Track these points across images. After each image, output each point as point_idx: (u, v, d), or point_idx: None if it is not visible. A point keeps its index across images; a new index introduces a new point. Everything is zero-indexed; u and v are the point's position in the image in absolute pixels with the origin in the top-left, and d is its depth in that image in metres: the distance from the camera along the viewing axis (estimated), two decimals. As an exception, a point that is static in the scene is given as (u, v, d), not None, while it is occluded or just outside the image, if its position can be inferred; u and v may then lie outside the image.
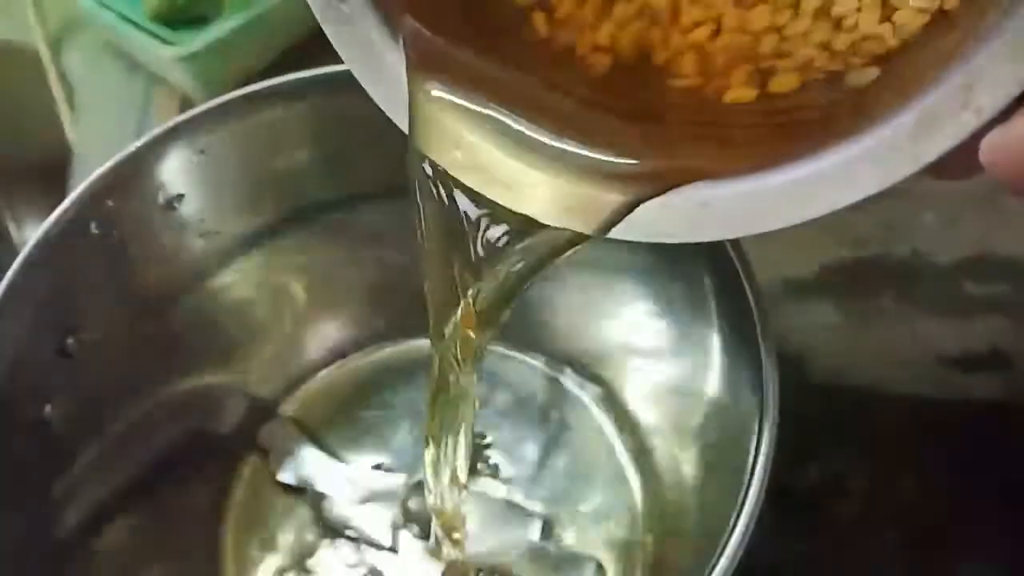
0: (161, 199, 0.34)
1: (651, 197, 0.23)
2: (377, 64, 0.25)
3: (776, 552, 0.38)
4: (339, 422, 0.42)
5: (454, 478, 0.34)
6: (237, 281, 0.38)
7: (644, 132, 0.26)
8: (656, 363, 0.38)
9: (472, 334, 0.29)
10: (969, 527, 0.39)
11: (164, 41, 0.49)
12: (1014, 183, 0.18)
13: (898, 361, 0.44)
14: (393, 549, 0.38)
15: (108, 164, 0.32)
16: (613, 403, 0.40)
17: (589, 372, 0.41)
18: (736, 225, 0.23)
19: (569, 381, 0.42)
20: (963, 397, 0.42)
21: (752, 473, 0.28)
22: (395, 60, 0.25)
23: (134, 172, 0.33)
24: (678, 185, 0.23)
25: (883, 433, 0.41)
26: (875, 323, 0.45)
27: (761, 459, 0.28)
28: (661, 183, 0.23)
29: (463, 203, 0.26)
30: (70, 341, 0.32)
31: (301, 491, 0.40)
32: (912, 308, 0.45)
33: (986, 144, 0.18)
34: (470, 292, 0.28)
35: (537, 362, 0.42)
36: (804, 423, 0.41)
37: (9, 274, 0.30)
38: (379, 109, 0.25)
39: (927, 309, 0.45)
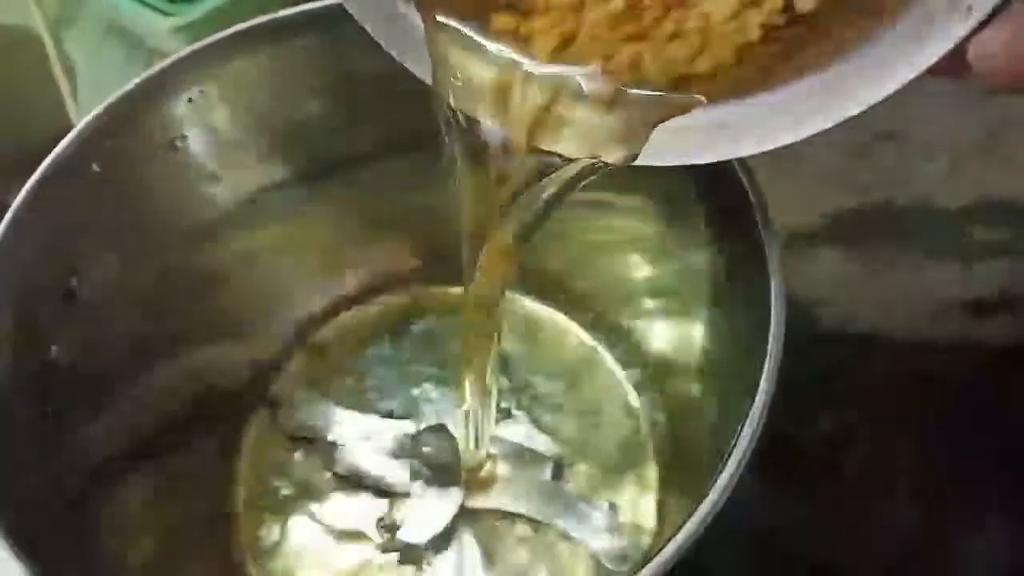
0: (162, 139, 0.34)
1: (666, 120, 0.25)
2: (393, 21, 0.27)
3: (780, 511, 0.38)
4: (348, 372, 0.42)
5: (483, 419, 0.35)
6: (242, 229, 0.38)
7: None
8: (664, 299, 0.39)
9: (501, 266, 0.30)
10: (980, 474, 0.39)
11: (162, 13, 0.49)
12: (997, 84, 0.20)
13: (905, 308, 0.44)
14: (406, 495, 0.38)
15: (107, 102, 0.32)
16: (621, 342, 0.41)
17: (597, 313, 0.41)
18: (752, 141, 0.24)
19: (576, 324, 0.42)
20: (972, 342, 0.42)
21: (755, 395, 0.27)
22: (413, 17, 0.27)
23: (133, 111, 0.33)
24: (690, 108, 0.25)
25: (890, 379, 0.41)
26: (882, 271, 0.45)
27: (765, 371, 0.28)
28: (675, 108, 0.25)
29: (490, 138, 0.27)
30: (73, 282, 0.32)
31: (312, 441, 0.40)
32: (918, 255, 0.45)
33: (972, 49, 0.20)
34: (500, 223, 0.29)
35: (545, 307, 0.42)
36: (812, 372, 0.41)
37: (10, 213, 0.30)
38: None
39: (933, 256, 0.45)
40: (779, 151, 0.47)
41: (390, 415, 0.40)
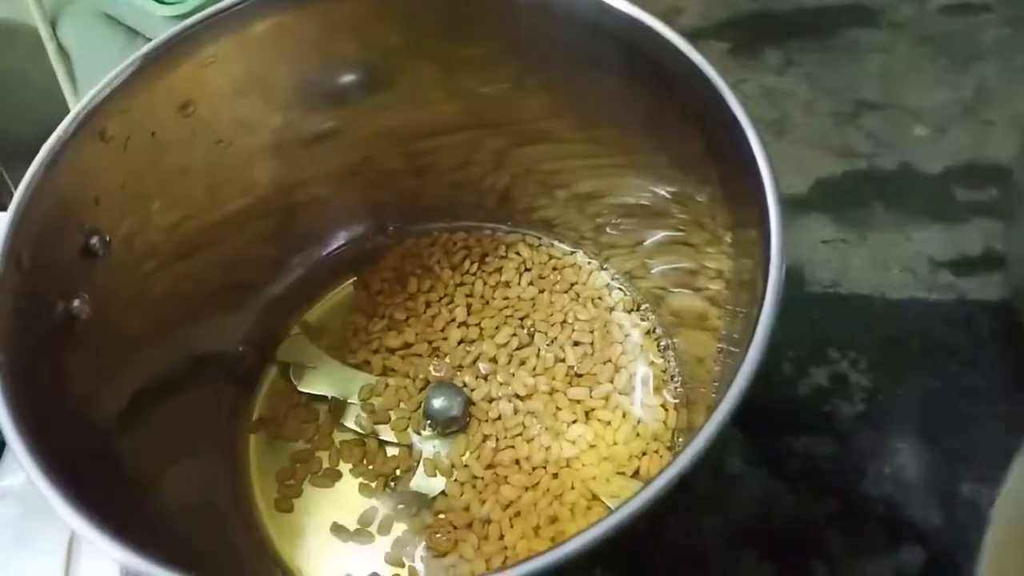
0: (173, 105, 0.35)
1: None
2: None
3: (784, 453, 0.39)
4: (354, 333, 0.43)
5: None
6: (252, 198, 0.39)
7: None
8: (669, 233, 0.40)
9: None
10: (971, 422, 0.40)
11: (157, 1, 0.50)
12: None
13: (894, 267, 0.45)
14: (412, 447, 0.39)
15: (118, 69, 0.33)
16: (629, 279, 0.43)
17: (606, 256, 0.43)
18: None
19: (582, 257, 0.44)
20: (959, 298, 0.43)
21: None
22: None
23: (145, 78, 0.33)
24: None
25: (883, 336, 0.42)
26: (870, 233, 0.46)
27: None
28: None
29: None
30: (94, 241, 0.33)
31: (322, 399, 0.41)
32: (904, 216, 0.46)
33: None
34: None
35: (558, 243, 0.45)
36: (807, 330, 0.42)
37: (30, 172, 0.31)
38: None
39: (919, 216, 0.46)
40: (769, 120, 0.48)
41: (398, 372, 0.41)
